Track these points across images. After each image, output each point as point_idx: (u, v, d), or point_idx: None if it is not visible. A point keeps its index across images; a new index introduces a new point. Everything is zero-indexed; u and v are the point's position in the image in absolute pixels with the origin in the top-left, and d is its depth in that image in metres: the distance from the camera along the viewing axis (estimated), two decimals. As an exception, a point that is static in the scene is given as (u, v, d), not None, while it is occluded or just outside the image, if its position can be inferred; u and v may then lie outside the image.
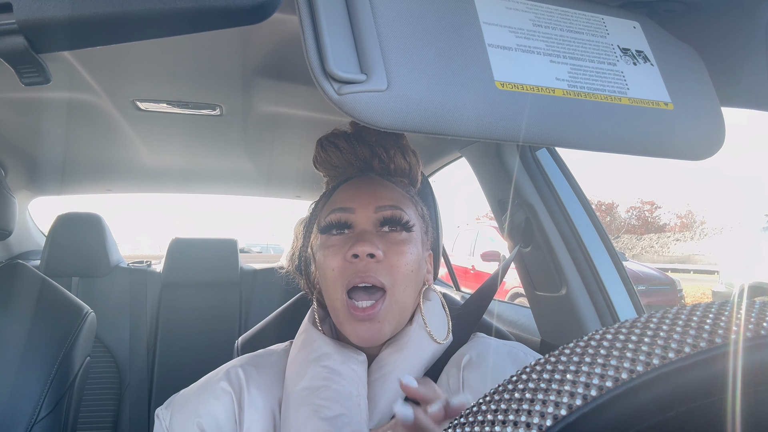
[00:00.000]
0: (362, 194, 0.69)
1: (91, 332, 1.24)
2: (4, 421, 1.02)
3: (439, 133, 0.43)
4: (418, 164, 0.79)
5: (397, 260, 0.65)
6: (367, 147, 0.75)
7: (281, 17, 0.75)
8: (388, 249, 0.65)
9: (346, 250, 0.65)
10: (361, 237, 0.64)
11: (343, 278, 0.64)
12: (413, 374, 0.66)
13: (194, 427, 0.65)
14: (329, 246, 0.67)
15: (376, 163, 0.75)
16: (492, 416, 0.23)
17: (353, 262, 0.64)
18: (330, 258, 0.66)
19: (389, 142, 0.76)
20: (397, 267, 0.65)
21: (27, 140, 1.54)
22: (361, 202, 0.68)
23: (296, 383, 0.65)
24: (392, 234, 0.67)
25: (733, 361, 0.22)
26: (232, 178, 2.13)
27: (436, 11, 0.45)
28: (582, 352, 0.24)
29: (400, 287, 0.65)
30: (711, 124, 0.54)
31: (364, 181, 0.72)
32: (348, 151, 0.76)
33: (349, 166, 0.76)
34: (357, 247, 0.63)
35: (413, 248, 0.67)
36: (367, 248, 0.63)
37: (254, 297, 2.25)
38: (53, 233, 1.99)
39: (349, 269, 0.64)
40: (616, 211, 31.22)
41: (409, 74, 0.42)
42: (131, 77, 1.06)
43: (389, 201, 0.68)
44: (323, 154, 0.78)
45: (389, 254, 0.65)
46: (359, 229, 0.67)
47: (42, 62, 0.38)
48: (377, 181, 0.72)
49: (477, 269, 7.17)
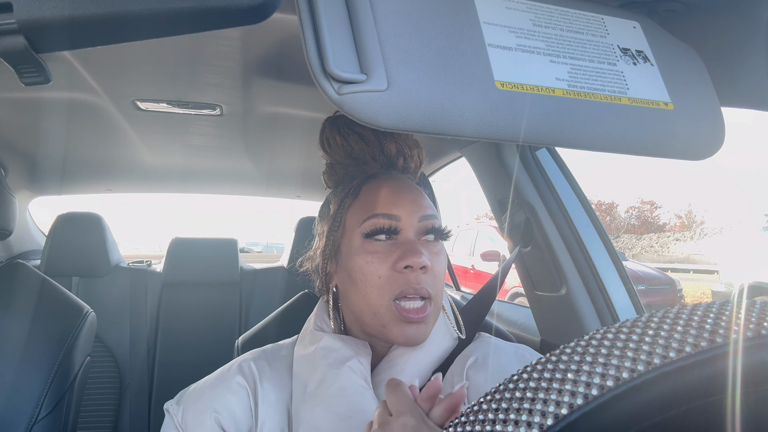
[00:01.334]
0: (404, 200, 0.66)
1: (92, 332, 1.24)
2: (5, 420, 1.02)
3: (439, 133, 0.43)
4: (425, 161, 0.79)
5: (440, 270, 0.66)
6: (394, 143, 0.72)
7: (281, 17, 0.75)
8: (432, 259, 0.65)
9: (394, 259, 0.63)
10: (413, 248, 0.63)
11: (392, 287, 0.63)
12: (422, 373, 0.67)
13: (211, 421, 0.64)
14: (372, 252, 0.65)
15: (401, 162, 0.73)
16: (493, 415, 0.23)
17: (404, 273, 0.63)
18: (375, 265, 0.64)
19: (411, 140, 0.74)
20: (439, 277, 0.66)
21: (27, 140, 1.54)
22: (406, 210, 0.66)
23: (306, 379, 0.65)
24: (432, 243, 0.67)
25: (734, 361, 0.22)
26: (232, 177, 2.13)
27: (436, 11, 0.45)
28: (583, 351, 0.24)
29: (440, 295, 0.66)
30: (711, 124, 0.54)
31: (397, 183, 0.69)
32: (374, 144, 0.72)
33: (371, 160, 0.72)
34: (412, 259, 0.62)
35: (445, 254, 0.68)
36: (422, 260, 0.62)
37: (254, 297, 2.25)
38: (53, 233, 1.99)
39: (399, 279, 0.63)
40: (616, 211, 31.24)
41: (409, 74, 0.42)
42: (131, 77, 1.06)
43: (430, 210, 0.68)
44: (341, 140, 0.72)
45: (433, 263, 0.65)
46: (404, 238, 0.65)
47: (42, 62, 0.38)
48: (409, 184, 0.70)
49: (477, 269, 7.17)
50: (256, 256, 6.73)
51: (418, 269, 0.62)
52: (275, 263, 2.44)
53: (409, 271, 0.63)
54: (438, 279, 0.65)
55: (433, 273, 0.64)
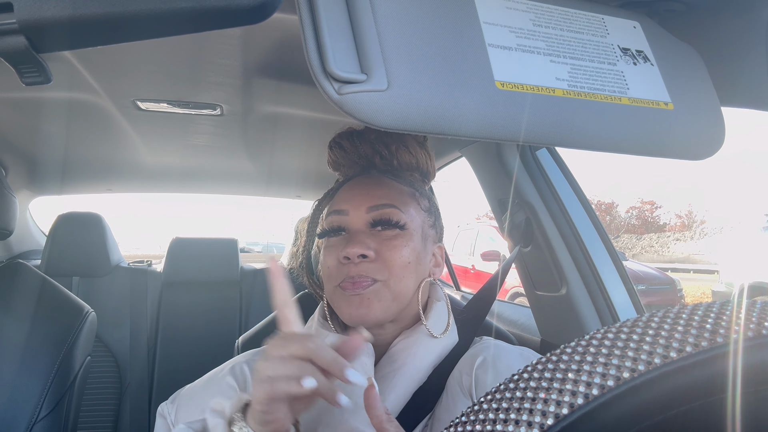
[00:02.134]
0: (356, 195, 0.70)
1: (92, 332, 1.24)
2: (5, 420, 1.02)
3: (439, 133, 0.43)
4: (428, 157, 0.79)
5: (391, 255, 0.66)
6: (368, 144, 0.76)
7: (281, 17, 0.75)
8: (381, 245, 0.67)
9: (339, 251, 0.67)
10: (352, 239, 0.66)
11: (339, 277, 0.66)
12: (422, 371, 0.67)
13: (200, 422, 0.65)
14: (327, 247, 0.70)
15: (378, 161, 0.76)
16: (494, 415, 0.23)
17: (346, 264, 0.66)
18: (327, 258, 0.69)
19: (391, 138, 0.76)
20: (392, 260, 0.66)
21: (27, 140, 1.54)
22: (354, 204, 0.69)
23: None
24: (385, 232, 0.68)
25: (734, 361, 0.22)
26: (233, 177, 2.13)
27: (436, 11, 0.45)
28: (583, 351, 0.24)
29: (394, 278, 0.66)
30: (711, 124, 0.54)
31: (362, 180, 0.73)
32: (351, 150, 0.77)
33: (353, 164, 0.78)
34: (347, 249, 0.65)
35: (407, 242, 0.68)
36: (357, 249, 0.65)
37: (255, 296, 2.25)
38: (54, 233, 1.99)
39: (343, 270, 0.66)
40: (616, 211, 31.22)
41: (410, 74, 0.42)
42: (132, 77, 1.06)
43: (383, 200, 0.69)
44: (331, 154, 0.80)
45: (382, 250, 0.66)
46: (353, 231, 0.68)
47: (42, 62, 0.38)
48: (375, 179, 0.72)
49: (477, 269, 7.17)
50: (256, 255, 6.73)
51: (355, 258, 0.65)
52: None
53: (350, 262, 0.66)
54: (390, 264, 0.66)
55: (382, 260, 0.66)
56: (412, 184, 0.75)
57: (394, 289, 0.66)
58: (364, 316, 0.65)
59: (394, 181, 0.73)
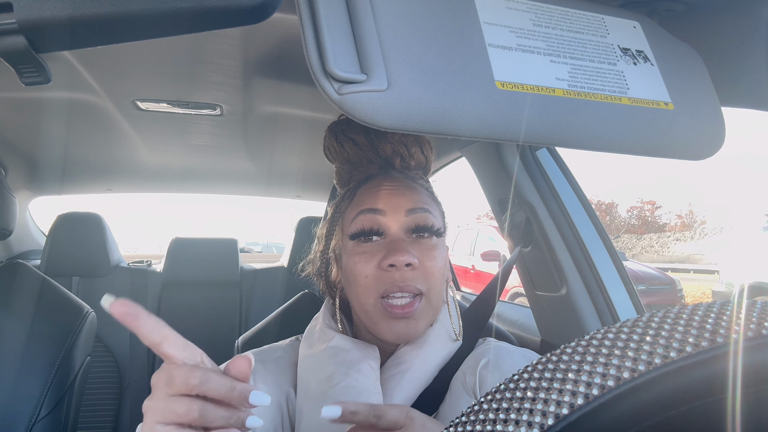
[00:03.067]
0: (392, 196, 0.67)
1: (92, 332, 1.24)
2: (5, 420, 1.02)
3: (439, 133, 0.43)
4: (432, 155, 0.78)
5: (432, 266, 0.65)
6: (389, 144, 0.72)
7: (281, 17, 0.75)
8: (422, 255, 0.65)
9: (380, 258, 0.64)
10: (397, 246, 0.63)
11: (378, 286, 0.63)
12: (429, 371, 0.67)
13: None
14: (361, 252, 0.65)
15: (398, 162, 0.73)
16: (494, 415, 0.23)
17: (389, 271, 0.63)
18: (362, 265, 0.65)
19: (409, 138, 0.74)
20: (432, 272, 0.65)
21: (27, 140, 1.54)
22: (391, 204, 0.66)
23: (313, 377, 0.65)
24: (423, 240, 0.66)
25: (735, 361, 0.22)
26: (232, 177, 2.13)
27: (436, 11, 0.45)
28: (584, 351, 0.24)
29: (434, 291, 0.65)
30: (711, 124, 0.54)
31: (390, 180, 0.70)
32: (367, 147, 0.73)
33: (368, 163, 0.73)
34: (395, 257, 0.62)
35: (443, 252, 0.67)
36: (406, 258, 0.62)
37: (254, 297, 2.25)
38: (54, 233, 1.99)
39: (384, 277, 0.63)
40: (616, 211, 31.22)
41: (410, 74, 0.42)
42: (131, 77, 1.06)
43: (419, 203, 0.67)
44: (338, 147, 0.74)
45: (423, 260, 0.64)
46: (391, 236, 0.65)
47: (42, 62, 0.38)
48: (403, 181, 0.70)
49: (477, 269, 7.17)
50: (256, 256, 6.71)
51: (402, 267, 0.62)
52: (275, 263, 2.44)
53: (394, 269, 0.63)
54: (431, 275, 0.65)
55: (423, 269, 0.64)
56: (426, 186, 0.73)
57: (434, 302, 0.65)
58: (411, 335, 0.64)
59: (416, 183, 0.71)
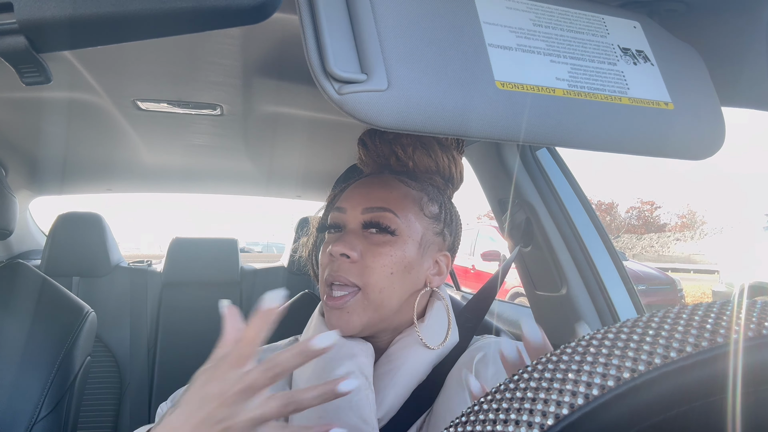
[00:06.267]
0: (356, 194, 0.70)
1: (92, 332, 1.24)
2: (5, 420, 1.02)
3: (440, 133, 0.43)
4: (452, 161, 0.77)
5: (373, 261, 0.66)
6: (386, 144, 0.75)
7: (281, 17, 0.75)
8: (367, 250, 0.66)
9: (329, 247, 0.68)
10: (341, 237, 0.67)
11: (324, 273, 0.68)
12: (422, 369, 0.67)
13: None
14: (324, 242, 0.72)
15: (393, 161, 0.75)
16: (494, 415, 0.23)
17: (332, 260, 0.67)
18: (322, 255, 0.71)
19: (408, 138, 0.74)
20: (372, 268, 0.66)
21: (27, 140, 1.54)
22: (352, 203, 0.70)
23: (305, 372, 0.65)
24: (376, 236, 0.67)
25: (735, 361, 0.22)
26: (233, 177, 2.13)
27: (436, 11, 0.45)
28: (584, 351, 0.24)
29: (374, 288, 0.65)
30: (711, 124, 0.54)
31: (368, 180, 0.72)
32: (372, 148, 0.77)
33: (372, 163, 0.78)
34: (333, 246, 0.66)
35: (395, 251, 0.67)
36: (340, 248, 0.66)
37: (255, 297, 2.25)
38: (54, 233, 1.99)
39: (328, 266, 0.67)
40: (616, 211, 31.20)
41: (410, 74, 0.42)
42: (132, 77, 1.06)
43: (379, 202, 0.68)
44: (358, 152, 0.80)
45: (366, 255, 0.66)
46: (347, 230, 0.69)
47: (42, 62, 0.38)
48: (380, 180, 0.71)
49: (477, 269, 7.17)
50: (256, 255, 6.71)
51: (338, 257, 0.66)
52: (275, 263, 2.44)
53: (333, 258, 0.67)
54: (369, 270, 0.65)
55: (363, 264, 0.66)
56: (424, 188, 0.72)
57: (374, 300, 0.65)
58: (344, 328, 0.65)
59: (403, 184, 0.71)
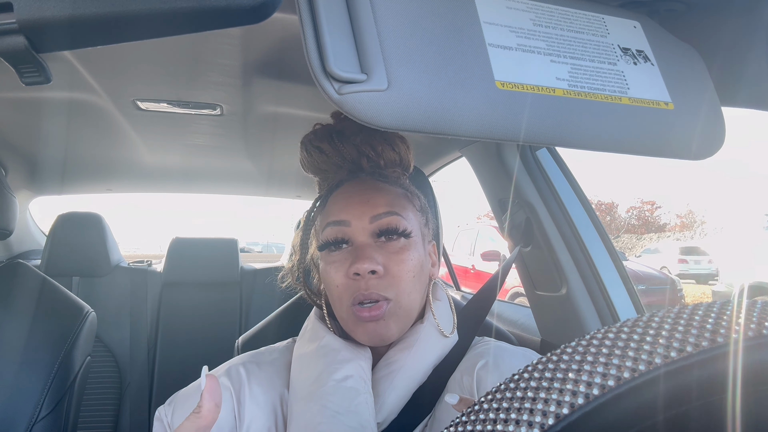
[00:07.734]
0: (355, 203, 0.67)
1: (92, 332, 1.24)
2: (5, 420, 1.02)
3: (440, 133, 0.43)
4: (408, 150, 0.76)
5: (399, 270, 0.64)
6: (353, 147, 0.72)
7: (281, 17, 0.75)
8: (388, 260, 0.65)
9: (347, 266, 0.64)
10: (361, 253, 0.64)
11: (348, 294, 0.64)
12: (421, 372, 0.66)
13: None
14: (331, 262, 0.66)
15: (365, 162, 0.72)
16: (494, 415, 0.23)
17: (356, 279, 0.64)
18: (333, 274, 0.66)
19: (375, 137, 0.73)
20: (399, 277, 0.64)
21: (27, 140, 1.54)
22: (355, 213, 0.66)
23: (303, 377, 0.65)
24: (391, 243, 0.66)
25: (735, 361, 0.22)
26: (233, 177, 2.13)
27: (436, 11, 0.45)
28: (584, 351, 0.24)
29: (404, 295, 0.65)
30: (711, 124, 0.54)
31: (356, 186, 0.69)
32: (332, 153, 0.73)
33: (337, 169, 0.74)
34: (357, 265, 0.63)
35: (413, 253, 0.66)
36: (367, 265, 0.62)
37: (255, 297, 2.25)
38: (54, 233, 1.99)
39: (352, 286, 0.64)
40: (616, 211, 31.19)
41: (410, 74, 0.42)
42: (131, 77, 1.06)
43: (384, 207, 0.66)
44: (307, 156, 0.76)
45: (389, 265, 0.64)
46: (357, 243, 0.66)
47: (42, 62, 0.38)
48: (370, 185, 0.70)
49: (477, 269, 7.17)
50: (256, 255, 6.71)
51: (366, 274, 0.63)
52: (275, 263, 2.44)
53: (360, 277, 0.63)
54: (398, 280, 0.64)
55: (390, 275, 0.64)
56: (400, 183, 0.72)
57: (405, 306, 0.65)
58: (384, 338, 0.64)
59: (386, 184, 0.70)
